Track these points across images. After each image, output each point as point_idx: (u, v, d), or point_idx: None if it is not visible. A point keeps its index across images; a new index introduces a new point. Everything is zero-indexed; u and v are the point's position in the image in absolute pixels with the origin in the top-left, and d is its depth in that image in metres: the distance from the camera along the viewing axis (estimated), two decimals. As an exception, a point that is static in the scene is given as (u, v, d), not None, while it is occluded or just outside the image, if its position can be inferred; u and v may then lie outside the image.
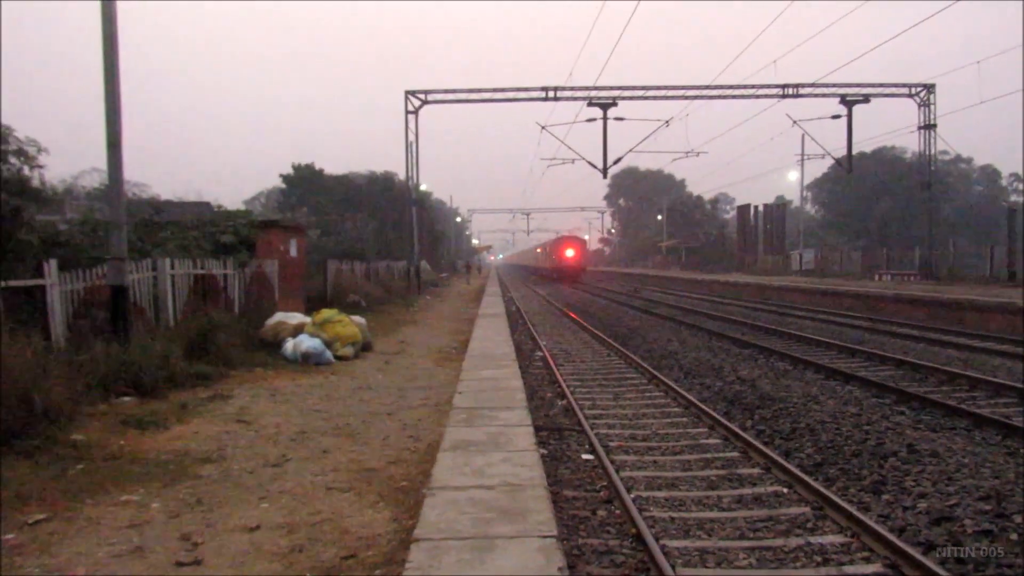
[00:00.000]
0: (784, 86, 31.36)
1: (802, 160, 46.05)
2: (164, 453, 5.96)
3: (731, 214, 78.31)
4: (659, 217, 77.69)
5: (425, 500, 4.40)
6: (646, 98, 31.90)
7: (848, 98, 31.02)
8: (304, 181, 44.31)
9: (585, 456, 6.65)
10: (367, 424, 7.12)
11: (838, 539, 4.66)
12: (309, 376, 9.89)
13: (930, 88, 32.02)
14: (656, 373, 10.74)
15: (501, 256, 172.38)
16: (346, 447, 6.24)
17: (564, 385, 10.01)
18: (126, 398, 7.79)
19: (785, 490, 5.62)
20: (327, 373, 10.21)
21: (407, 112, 32.47)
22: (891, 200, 57.73)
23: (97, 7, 9.15)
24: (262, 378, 9.59)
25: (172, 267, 11.09)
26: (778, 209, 58.63)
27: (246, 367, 10.08)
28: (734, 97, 31.91)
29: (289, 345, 11.00)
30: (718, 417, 7.81)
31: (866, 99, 31.26)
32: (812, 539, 4.66)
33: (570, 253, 53.58)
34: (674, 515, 5.15)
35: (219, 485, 5.18)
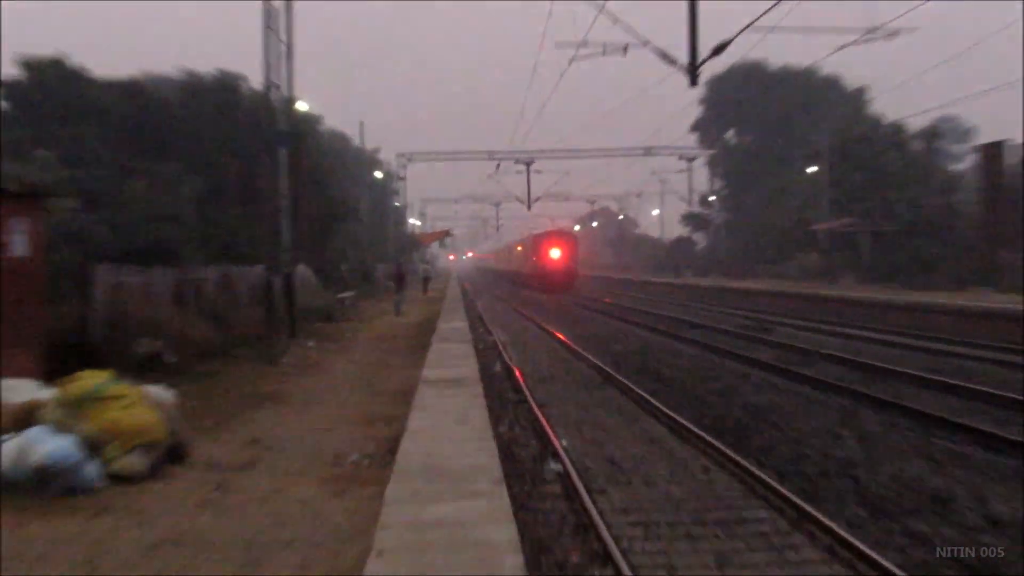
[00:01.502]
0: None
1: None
2: None
3: (965, 162, 55.74)
4: (810, 170, 54.48)
5: None
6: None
7: None
8: (47, 94, 27.65)
9: None
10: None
11: None
12: (51, 519, 7.75)
13: None
14: (810, 510, 8.36)
15: (471, 255, 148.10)
16: None
17: (607, 536, 7.70)
18: None
19: None
20: (90, 512, 7.91)
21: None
22: None
23: None
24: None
25: None
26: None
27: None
28: None
29: (9, 449, 8.85)
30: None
31: None
32: None
33: (555, 254, 53.45)
34: None
35: None
